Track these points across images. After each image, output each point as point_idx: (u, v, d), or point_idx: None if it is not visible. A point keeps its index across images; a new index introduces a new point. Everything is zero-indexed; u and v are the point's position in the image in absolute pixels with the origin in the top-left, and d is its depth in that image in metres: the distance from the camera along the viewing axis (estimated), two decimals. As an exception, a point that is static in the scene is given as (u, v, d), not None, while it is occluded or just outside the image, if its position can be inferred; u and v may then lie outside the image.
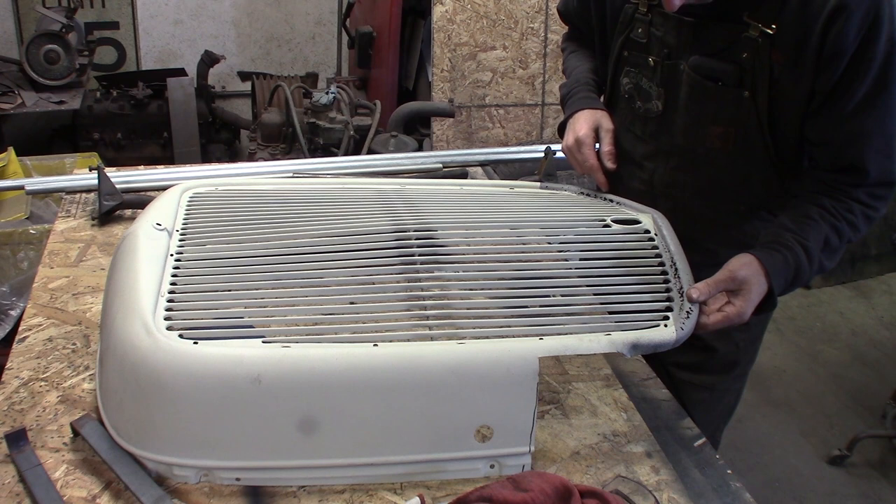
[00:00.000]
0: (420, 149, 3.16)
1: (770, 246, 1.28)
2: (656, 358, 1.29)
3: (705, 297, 1.16)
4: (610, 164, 1.48)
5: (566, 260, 1.27)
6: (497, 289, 1.17)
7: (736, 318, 1.19)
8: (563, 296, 1.16)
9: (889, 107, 1.27)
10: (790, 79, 1.28)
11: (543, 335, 1.04)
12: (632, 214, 1.35)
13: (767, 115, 1.33)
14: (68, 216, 1.71)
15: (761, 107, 1.32)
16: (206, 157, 4.13)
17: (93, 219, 1.68)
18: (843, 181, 1.33)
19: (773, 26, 1.25)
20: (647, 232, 1.30)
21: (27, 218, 2.66)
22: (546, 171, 1.70)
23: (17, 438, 1.03)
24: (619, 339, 1.05)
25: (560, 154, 1.65)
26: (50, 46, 3.60)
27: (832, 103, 1.27)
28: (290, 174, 1.81)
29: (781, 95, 1.30)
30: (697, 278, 1.18)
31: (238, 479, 1.01)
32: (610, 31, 1.52)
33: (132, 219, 1.49)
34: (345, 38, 4.42)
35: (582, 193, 1.48)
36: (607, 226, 1.31)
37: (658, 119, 1.45)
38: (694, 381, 1.61)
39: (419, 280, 1.14)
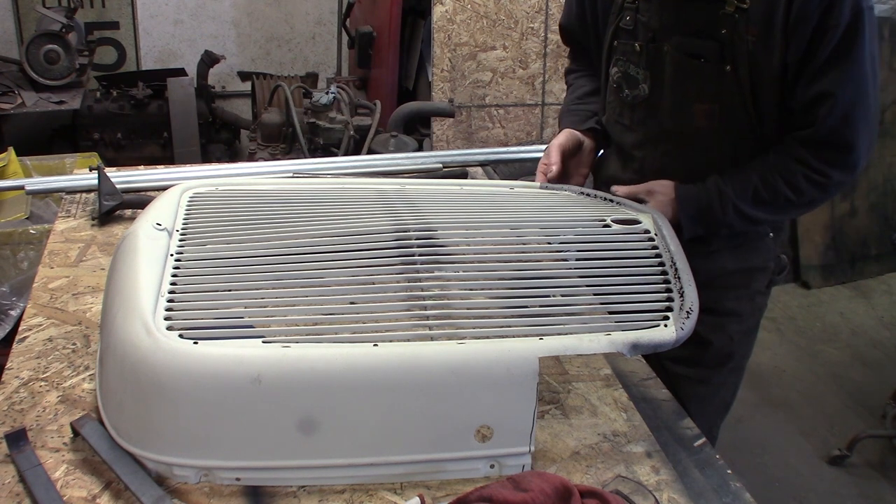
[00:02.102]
0: (420, 149, 3.16)
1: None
2: (652, 353, 1.30)
3: (623, 195, 1.41)
4: (541, 177, 1.57)
5: (566, 260, 1.27)
6: (497, 289, 1.17)
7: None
8: (563, 296, 1.16)
9: (850, 74, 1.30)
10: (764, 52, 1.33)
11: (543, 335, 1.04)
12: (632, 214, 1.35)
13: (750, 88, 1.37)
14: (68, 216, 1.71)
15: (743, 80, 1.36)
16: (206, 157, 4.13)
17: (93, 219, 1.68)
18: (792, 139, 1.38)
19: (747, 2, 1.31)
20: (647, 232, 1.30)
21: (27, 218, 2.66)
22: (546, 171, 1.70)
23: (17, 438, 1.03)
24: (619, 339, 1.05)
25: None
26: (50, 46, 3.60)
27: (800, 71, 1.32)
28: (290, 174, 1.81)
29: (758, 69, 1.35)
30: (694, 274, 1.19)
31: (238, 479, 1.01)
32: (602, 25, 1.58)
33: (132, 219, 1.49)
34: (345, 38, 4.42)
35: (582, 193, 1.48)
36: (607, 226, 1.31)
37: (645, 104, 1.50)
38: (689, 375, 1.61)
39: (419, 280, 1.14)
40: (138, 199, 1.70)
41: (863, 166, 1.39)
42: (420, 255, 1.18)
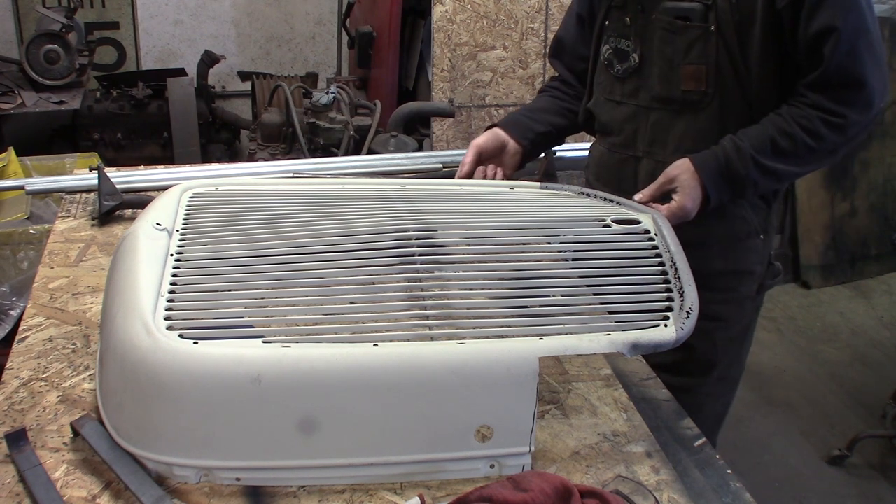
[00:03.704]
0: (420, 149, 3.16)
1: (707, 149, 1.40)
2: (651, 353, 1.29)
3: (648, 199, 1.38)
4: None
5: (566, 260, 1.27)
6: (497, 289, 1.17)
7: (679, 211, 1.36)
8: (563, 296, 1.16)
9: (847, 6, 1.28)
10: (746, 4, 1.35)
11: (543, 335, 1.04)
12: (632, 214, 1.35)
13: (737, 45, 1.38)
14: (68, 216, 1.71)
15: (729, 39, 1.38)
16: (206, 157, 4.13)
17: (93, 219, 1.68)
18: (803, 86, 1.36)
19: None
20: (647, 232, 1.30)
21: (27, 218, 2.66)
22: (546, 171, 1.71)
23: (17, 438, 1.03)
24: (619, 339, 1.05)
25: (560, 154, 1.66)
26: (50, 46, 3.60)
27: (796, 14, 1.31)
28: (290, 174, 1.81)
29: (743, 24, 1.37)
30: (691, 265, 1.19)
31: (238, 479, 1.01)
32: (597, 13, 1.61)
33: (132, 219, 1.49)
34: (345, 38, 4.42)
35: (582, 193, 1.48)
36: (607, 226, 1.31)
37: (636, 74, 1.53)
38: (672, 384, 1.55)
39: (419, 280, 1.14)
40: (138, 199, 1.70)
41: (879, 106, 1.36)
42: (420, 255, 1.18)
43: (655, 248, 1.25)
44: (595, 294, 1.16)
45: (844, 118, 1.34)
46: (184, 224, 1.23)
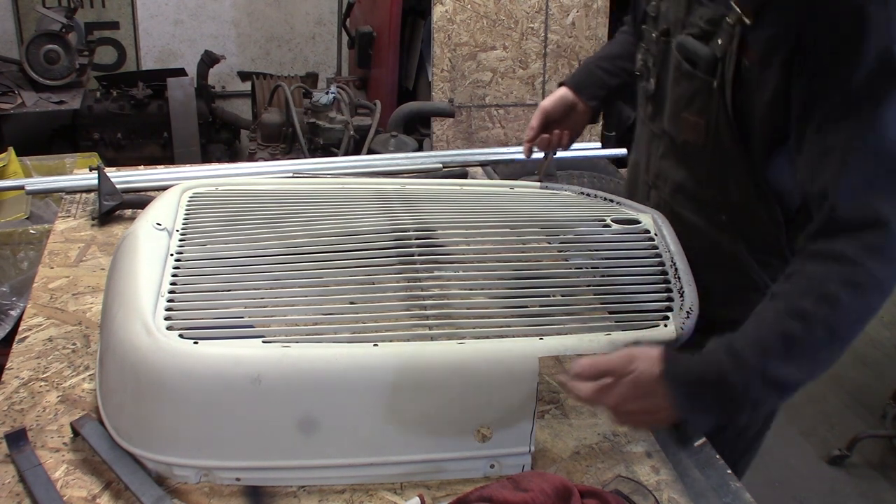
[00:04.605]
0: (420, 149, 3.15)
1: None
2: None
3: (585, 369, 1.00)
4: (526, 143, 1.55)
5: (566, 260, 1.27)
6: (497, 289, 1.17)
7: (606, 398, 0.99)
8: (563, 296, 1.16)
9: (872, 125, 1.01)
10: (757, 82, 1.14)
11: (543, 335, 1.04)
12: (632, 214, 1.35)
13: (734, 115, 1.18)
14: (68, 216, 1.70)
15: (728, 103, 1.18)
16: (206, 157, 4.12)
17: (93, 219, 1.68)
18: (807, 236, 1.05)
19: (751, 19, 1.12)
20: (647, 232, 1.30)
21: (27, 218, 2.66)
22: (546, 171, 1.70)
23: (17, 438, 1.03)
24: (619, 339, 1.05)
25: (560, 154, 1.65)
26: (50, 46, 3.59)
27: (804, 122, 1.07)
28: (290, 174, 1.80)
29: (748, 98, 1.16)
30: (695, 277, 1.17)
31: (238, 479, 1.01)
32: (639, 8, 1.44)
33: (132, 219, 1.49)
34: (345, 38, 4.41)
35: (582, 193, 1.48)
36: (607, 226, 1.31)
37: (652, 99, 1.38)
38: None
39: (419, 280, 1.14)
40: (138, 199, 1.70)
41: None
42: (420, 254, 1.18)
43: (655, 248, 1.25)
44: (595, 294, 1.16)
45: (862, 269, 0.98)
46: (184, 224, 1.23)
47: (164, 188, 1.40)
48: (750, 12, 1.12)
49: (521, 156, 1.66)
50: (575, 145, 2.07)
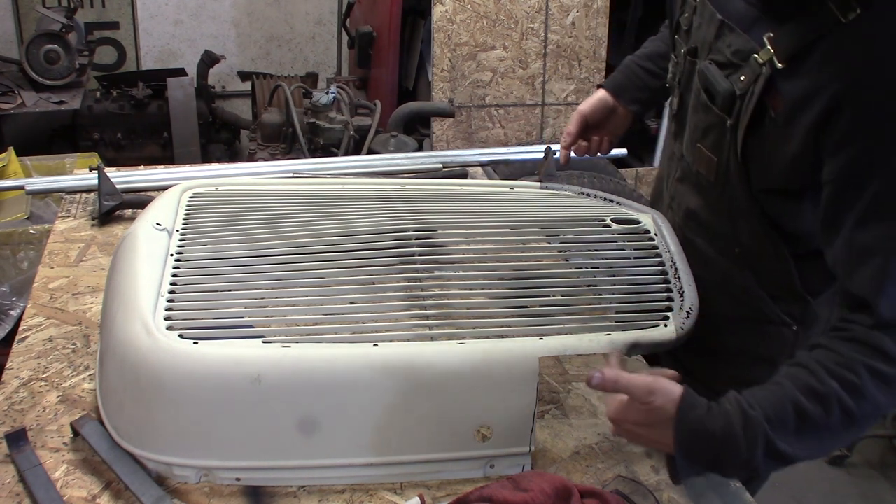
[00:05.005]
0: (420, 149, 3.15)
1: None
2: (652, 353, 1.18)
3: (604, 388, 0.96)
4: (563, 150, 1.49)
5: (566, 260, 1.27)
6: (497, 289, 1.17)
7: (614, 412, 0.99)
8: (563, 296, 1.16)
9: None
10: (777, 135, 1.02)
11: (543, 335, 1.04)
12: (632, 214, 1.35)
13: (743, 156, 1.10)
14: (68, 216, 1.70)
15: (740, 144, 1.09)
16: (206, 157, 4.12)
17: (93, 219, 1.68)
18: (853, 320, 0.96)
19: (782, 62, 0.99)
20: (647, 232, 1.30)
21: (27, 218, 2.66)
22: (546, 171, 1.70)
23: (17, 438, 1.03)
24: (619, 339, 1.05)
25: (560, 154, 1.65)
26: (50, 46, 3.59)
27: (838, 201, 0.97)
28: (290, 174, 1.80)
29: (762, 144, 1.05)
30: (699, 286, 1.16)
31: (238, 479, 1.01)
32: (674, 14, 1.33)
33: (132, 219, 1.49)
34: (345, 38, 4.41)
35: (582, 193, 1.48)
36: (607, 226, 1.31)
37: (676, 118, 1.29)
38: None
39: (419, 280, 1.14)
40: (138, 199, 1.70)
41: None
42: (420, 254, 1.18)
43: (655, 248, 1.26)
44: (595, 294, 1.16)
45: (890, 363, 0.92)
46: (184, 224, 1.23)
47: (164, 188, 1.40)
48: (783, 55, 0.99)
49: (522, 156, 1.66)
50: (574, 146, 2.05)
